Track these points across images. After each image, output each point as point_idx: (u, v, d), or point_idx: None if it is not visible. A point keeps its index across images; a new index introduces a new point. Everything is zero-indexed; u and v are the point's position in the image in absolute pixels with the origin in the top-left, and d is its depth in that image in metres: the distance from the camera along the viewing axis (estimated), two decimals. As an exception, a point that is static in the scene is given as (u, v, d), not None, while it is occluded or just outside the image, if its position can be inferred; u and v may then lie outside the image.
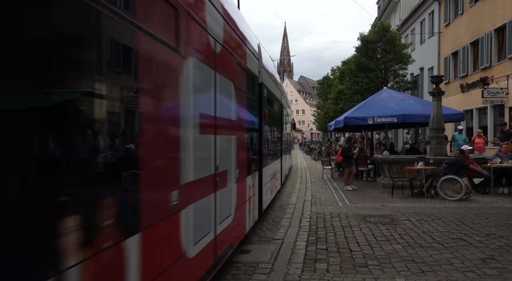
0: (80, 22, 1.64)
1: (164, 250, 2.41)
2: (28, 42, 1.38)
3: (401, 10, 29.33)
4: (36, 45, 1.41)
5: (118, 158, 1.96)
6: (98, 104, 1.78)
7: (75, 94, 1.63)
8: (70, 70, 1.58)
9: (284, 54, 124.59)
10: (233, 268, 4.23)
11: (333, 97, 31.67)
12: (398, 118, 11.64)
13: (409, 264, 4.28)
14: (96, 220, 1.69)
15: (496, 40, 15.96)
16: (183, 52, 2.65)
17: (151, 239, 2.17)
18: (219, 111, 3.58)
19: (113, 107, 1.94)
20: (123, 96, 2.00)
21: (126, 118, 2.06)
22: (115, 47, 1.93)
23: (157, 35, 2.25)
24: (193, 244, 2.84)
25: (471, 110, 17.74)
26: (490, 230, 5.73)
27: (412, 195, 9.03)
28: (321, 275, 3.98)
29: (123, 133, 2.05)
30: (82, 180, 1.65)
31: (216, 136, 3.50)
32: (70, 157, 1.57)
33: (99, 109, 1.80)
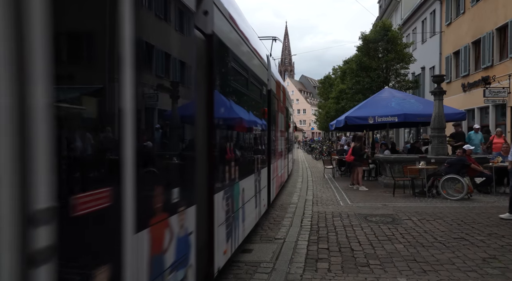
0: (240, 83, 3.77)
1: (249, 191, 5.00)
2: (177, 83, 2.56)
3: (403, 9, 29.28)
4: (184, 83, 2.68)
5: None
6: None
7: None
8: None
9: (285, 53, 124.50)
10: (234, 267, 4.24)
11: (335, 97, 31.66)
12: (399, 117, 11.63)
13: (410, 264, 4.27)
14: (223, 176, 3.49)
15: (498, 39, 15.91)
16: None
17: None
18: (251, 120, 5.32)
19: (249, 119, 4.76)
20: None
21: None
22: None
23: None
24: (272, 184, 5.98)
25: (472, 109, 17.70)
26: (492, 229, 5.72)
27: (414, 194, 9.02)
28: (322, 275, 3.98)
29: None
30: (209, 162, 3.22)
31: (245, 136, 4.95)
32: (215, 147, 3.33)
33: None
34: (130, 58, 1.77)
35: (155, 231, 2.05)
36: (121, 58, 1.72)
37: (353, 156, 10.40)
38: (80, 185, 1.51)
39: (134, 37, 1.81)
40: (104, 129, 1.70)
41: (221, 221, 3.48)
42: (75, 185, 1.49)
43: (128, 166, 1.76)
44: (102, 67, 1.71)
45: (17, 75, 1.15)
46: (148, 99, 2.12)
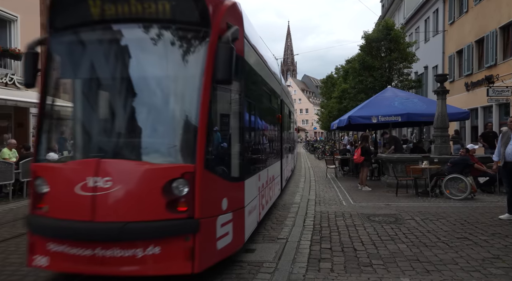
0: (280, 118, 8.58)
1: (286, 167, 10.49)
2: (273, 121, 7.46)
3: (405, 9, 29.19)
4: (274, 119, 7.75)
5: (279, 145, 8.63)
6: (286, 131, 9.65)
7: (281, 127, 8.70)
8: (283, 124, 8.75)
9: (287, 53, 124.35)
10: (237, 267, 4.24)
11: (337, 96, 31.59)
12: (402, 117, 11.58)
13: (414, 264, 4.26)
14: (271, 158, 7.11)
15: (502, 38, 15.83)
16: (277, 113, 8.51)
17: (283, 164, 9.28)
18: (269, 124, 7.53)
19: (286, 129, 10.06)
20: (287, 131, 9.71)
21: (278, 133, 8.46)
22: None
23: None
24: (284, 171, 9.51)
25: (476, 108, 17.62)
26: (495, 229, 5.70)
27: (417, 194, 8.99)
28: (325, 275, 3.98)
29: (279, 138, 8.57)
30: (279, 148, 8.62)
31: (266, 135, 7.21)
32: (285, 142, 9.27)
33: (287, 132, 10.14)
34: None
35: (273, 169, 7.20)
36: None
37: (363, 157, 10.30)
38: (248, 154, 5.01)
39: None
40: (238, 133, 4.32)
41: (287, 159, 10.47)
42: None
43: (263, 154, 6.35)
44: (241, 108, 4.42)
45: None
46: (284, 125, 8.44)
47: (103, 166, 3.35)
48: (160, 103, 3.86)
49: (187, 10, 3.63)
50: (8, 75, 13.14)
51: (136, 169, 3.41)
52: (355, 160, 10.87)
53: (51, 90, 4.06)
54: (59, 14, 3.88)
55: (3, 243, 5.31)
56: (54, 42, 3.94)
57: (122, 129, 3.78)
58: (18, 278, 4.00)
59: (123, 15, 3.64)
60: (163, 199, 3.32)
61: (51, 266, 3.54)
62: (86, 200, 3.28)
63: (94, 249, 3.26)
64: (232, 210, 4.03)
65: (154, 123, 3.82)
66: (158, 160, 3.53)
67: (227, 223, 3.90)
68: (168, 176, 3.37)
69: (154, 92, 3.84)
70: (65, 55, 4.02)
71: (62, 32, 3.89)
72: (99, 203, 3.27)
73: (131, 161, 3.49)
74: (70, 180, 3.41)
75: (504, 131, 6.78)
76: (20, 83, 13.63)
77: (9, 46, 13.44)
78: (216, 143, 3.99)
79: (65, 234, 3.35)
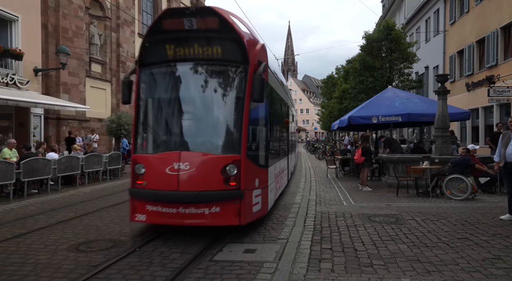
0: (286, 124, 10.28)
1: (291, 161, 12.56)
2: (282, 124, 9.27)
3: (406, 9, 29.17)
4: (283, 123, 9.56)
5: (287, 141, 10.35)
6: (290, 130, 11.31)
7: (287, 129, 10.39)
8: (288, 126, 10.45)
9: (288, 53, 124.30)
10: (237, 267, 4.24)
11: (338, 96, 31.57)
12: (403, 117, 11.56)
13: (414, 264, 4.26)
14: (281, 151, 9.04)
15: (503, 39, 15.82)
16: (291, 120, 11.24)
17: (289, 159, 11.08)
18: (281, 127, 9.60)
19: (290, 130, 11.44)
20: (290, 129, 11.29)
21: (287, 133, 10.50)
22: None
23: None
24: (289, 165, 11.22)
25: (476, 109, 17.61)
26: (496, 230, 5.69)
27: (417, 194, 8.98)
28: (326, 275, 3.97)
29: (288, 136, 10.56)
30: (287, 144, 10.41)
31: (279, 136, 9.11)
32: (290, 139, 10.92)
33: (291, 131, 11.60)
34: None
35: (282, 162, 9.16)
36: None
37: (363, 157, 10.29)
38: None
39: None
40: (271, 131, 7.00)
41: (292, 155, 12.89)
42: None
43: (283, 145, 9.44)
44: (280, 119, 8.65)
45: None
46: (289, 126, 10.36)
47: (184, 155, 5.19)
48: (217, 114, 5.73)
49: (234, 53, 5.50)
50: (9, 75, 13.15)
51: (204, 157, 5.28)
52: (355, 160, 10.85)
53: (141, 106, 5.82)
54: (145, 54, 5.75)
55: (4, 243, 5.31)
56: (142, 73, 5.82)
57: (194, 132, 5.73)
58: (18, 277, 4.00)
59: (191, 56, 5.54)
60: (221, 176, 5.16)
61: (148, 221, 5.42)
62: (173, 177, 5.08)
63: (178, 208, 5.12)
64: (261, 187, 5.87)
65: (215, 128, 5.71)
66: (218, 152, 5.43)
67: (258, 196, 5.75)
68: (224, 162, 5.21)
69: (213, 107, 5.71)
70: (150, 81, 5.86)
71: (147, 65, 5.78)
72: (181, 179, 5.08)
73: (201, 153, 5.34)
74: (161, 164, 5.24)
75: (504, 132, 6.79)
76: (20, 83, 13.65)
77: (10, 46, 13.45)
78: (252, 142, 5.69)
79: (159, 198, 5.21)
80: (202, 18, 5.44)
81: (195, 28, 5.41)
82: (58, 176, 10.62)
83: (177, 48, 5.56)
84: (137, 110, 5.82)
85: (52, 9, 17.43)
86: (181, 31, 5.48)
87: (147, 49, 5.79)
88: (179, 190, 5.06)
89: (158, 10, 27.88)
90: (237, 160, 5.23)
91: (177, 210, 5.12)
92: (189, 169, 5.11)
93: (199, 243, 5.21)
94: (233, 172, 5.20)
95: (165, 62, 5.70)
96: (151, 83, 5.88)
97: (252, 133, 5.64)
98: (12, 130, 14.35)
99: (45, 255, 4.73)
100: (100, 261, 4.46)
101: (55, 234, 5.76)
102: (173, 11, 6.40)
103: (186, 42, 5.54)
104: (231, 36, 5.48)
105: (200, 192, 5.07)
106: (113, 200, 8.97)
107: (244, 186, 5.25)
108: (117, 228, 6.12)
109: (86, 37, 20.06)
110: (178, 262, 4.43)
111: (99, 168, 12.57)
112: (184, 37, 5.53)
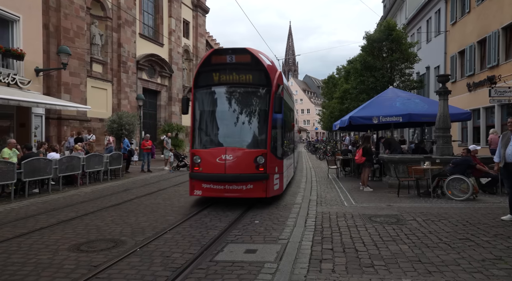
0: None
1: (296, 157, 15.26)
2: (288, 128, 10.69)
3: (407, 9, 29.14)
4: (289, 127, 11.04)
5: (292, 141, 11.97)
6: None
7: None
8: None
9: (289, 53, 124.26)
10: (238, 268, 4.24)
11: (339, 97, 31.56)
12: (404, 117, 11.55)
13: (415, 265, 4.25)
14: (290, 149, 11.34)
15: (504, 39, 15.79)
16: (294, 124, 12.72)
17: (294, 154, 13.64)
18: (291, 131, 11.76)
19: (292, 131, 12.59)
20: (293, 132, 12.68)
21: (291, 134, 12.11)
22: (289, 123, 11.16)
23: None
24: (294, 160, 13.74)
25: (478, 109, 17.58)
26: (497, 230, 5.68)
27: (419, 195, 8.97)
28: (327, 275, 3.97)
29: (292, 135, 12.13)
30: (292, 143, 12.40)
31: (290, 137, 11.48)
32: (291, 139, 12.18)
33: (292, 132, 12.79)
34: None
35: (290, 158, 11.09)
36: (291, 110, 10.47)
37: (364, 157, 10.27)
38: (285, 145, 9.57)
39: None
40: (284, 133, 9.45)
41: (296, 152, 15.19)
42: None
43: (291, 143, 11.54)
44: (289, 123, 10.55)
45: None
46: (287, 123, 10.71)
47: (228, 150, 7.54)
48: (250, 122, 8.09)
49: (261, 79, 7.90)
50: (10, 75, 13.16)
51: (242, 151, 7.64)
52: (356, 160, 10.82)
53: (196, 115, 8.18)
54: (198, 80, 8.19)
55: (5, 243, 5.32)
56: (196, 92, 8.26)
57: (235, 134, 8.07)
58: (20, 277, 4.00)
59: (231, 81, 7.99)
60: (253, 164, 7.50)
61: (203, 194, 7.85)
62: (221, 165, 7.42)
63: (224, 185, 7.55)
64: (278, 173, 8.25)
65: (249, 131, 8.09)
66: (252, 148, 7.76)
67: (277, 179, 8.13)
68: (256, 155, 7.55)
69: (247, 117, 8.09)
70: (202, 98, 8.24)
71: (200, 87, 8.22)
72: (227, 166, 7.41)
73: (241, 148, 7.70)
74: (213, 156, 7.59)
75: (504, 133, 6.78)
76: (22, 83, 13.66)
77: (12, 46, 13.47)
78: (273, 141, 7.98)
79: (211, 179, 7.60)
80: (239, 55, 7.93)
81: (234, 62, 7.91)
82: (59, 176, 10.63)
83: (221, 75, 7.97)
84: (194, 119, 8.17)
85: (53, 9, 17.46)
86: (224, 64, 7.93)
87: (200, 76, 8.21)
88: (226, 173, 7.44)
89: (159, 10, 27.93)
90: (264, 153, 7.61)
91: (224, 187, 7.60)
92: (232, 159, 7.46)
93: (199, 244, 5.21)
94: (261, 161, 7.56)
95: (213, 85, 8.14)
96: (203, 99, 8.25)
97: (273, 134, 7.97)
98: (14, 130, 14.36)
99: (46, 255, 4.74)
100: (101, 261, 4.47)
101: (56, 234, 5.76)
102: (218, 51, 8.50)
103: (228, 71, 7.94)
104: (259, 67, 7.91)
105: (240, 174, 7.48)
106: (114, 200, 8.98)
107: (269, 171, 7.65)
108: (118, 228, 6.12)
109: (87, 37, 20.09)
110: (179, 262, 4.43)
111: (100, 168, 12.59)
112: (226, 68, 7.92)
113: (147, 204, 8.37)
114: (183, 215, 7.11)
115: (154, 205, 8.31)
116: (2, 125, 14.16)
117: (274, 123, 7.99)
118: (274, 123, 7.98)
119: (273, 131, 7.87)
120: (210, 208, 7.72)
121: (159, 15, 28.06)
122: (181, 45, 31.15)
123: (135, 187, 11.50)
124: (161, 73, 27.79)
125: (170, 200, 8.98)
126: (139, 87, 25.09)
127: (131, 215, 7.20)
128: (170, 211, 7.57)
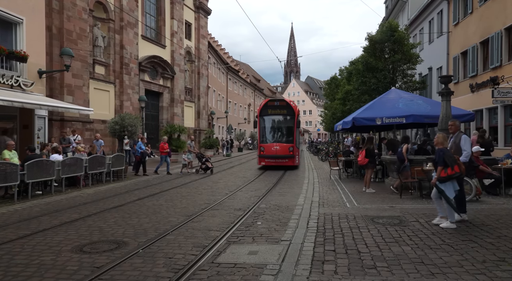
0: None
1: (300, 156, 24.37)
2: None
3: (409, 10, 29.11)
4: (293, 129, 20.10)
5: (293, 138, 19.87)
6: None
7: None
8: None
9: (291, 54, 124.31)
10: (240, 269, 4.23)
11: (341, 98, 31.55)
12: (407, 118, 11.50)
13: (418, 266, 4.23)
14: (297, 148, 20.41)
15: (507, 39, 15.75)
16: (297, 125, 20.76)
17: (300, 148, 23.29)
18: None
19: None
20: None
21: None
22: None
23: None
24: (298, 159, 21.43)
25: (481, 110, 17.52)
26: (501, 231, 5.65)
27: (421, 196, 8.94)
28: (329, 277, 3.96)
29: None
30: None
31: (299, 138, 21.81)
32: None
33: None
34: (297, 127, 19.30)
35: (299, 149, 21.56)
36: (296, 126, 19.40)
37: (367, 159, 10.24)
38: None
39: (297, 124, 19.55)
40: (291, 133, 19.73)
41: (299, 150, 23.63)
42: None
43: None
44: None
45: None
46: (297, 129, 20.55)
47: (277, 144, 18.41)
48: (288, 131, 18.87)
49: (290, 112, 19.03)
50: (13, 77, 13.23)
51: (284, 144, 18.38)
52: (359, 162, 10.80)
53: (261, 129, 19.16)
54: (261, 112, 19.18)
55: (9, 244, 5.34)
56: (260, 118, 19.24)
57: (279, 137, 19.01)
58: (23, 279, 4.02)
59: (277, 113, 19.18)
60: (288, 150, 18.21)
61: (264, 164, 18.60)
62: (274, 150, 18.28)
63: (276, 160, 18.28)
64: (298, 155, 19.45)
65: (285, 136, 18.86)
66: (287, 143, 18.44)
67: (298, 158, 19.73)
68: (289, 146, 18.31)
69: (287, 129, 18.95)
70: (263, 120, 19.20)
71: (261, 115, 19.19)
72: (278, 151, 18.24)
73: (282, 143, 18.44)
74: (270, 146, 18.43)
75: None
76: (25, 85, 13.73)
77: (15, 48, 13.54)
78: (296, 140, 18.84)
79: (269, 157, 18.38)
80: (281, 102, 19.53)
81: (278, 105, 19.18)
82: (62, 177, 10.67)
83: (272, 110, 18.96)
84: (260, 131, 19.01)
85: (56, 11, 17.54)
86: (274, 106, 19.12)
87: (262, 111, 19.04)
88: (277, 154, 18.00)
89: (161, 12, 28.01)
90: (292, 146, 18.14)
91: (276, 160, 18.11)
92: (279, 148, 18.03)
93: (199, 245, 5.21)
94: (291, 149, 18.03)
95: (268, 115, 18.96)
96: (264, 121, 19.01)
97: (296, 137, 18.51)
98: (17, 132, 14.42)
99: (49, 256, 4.75)
100: (104, 262, 4.48)
101: (59, 235, 5.78)
102: (271, 100, 19.76)
103: (276, 108, 19.03)
104: (289, 107, 19.05)
105: (282, 155, 17.94)
106: (117, 201, 9.00)
107: (294, 154, 18.16)
108: (121, 230, 6.13)
109: (89, 39, 20.17)
110: (181, 263, 4.44)
111: (102, 169, 12.62)
112: (275, 107, 19.09)
113: (149, 206, 8.39)
114: (186, 217, 7.12)
115: (156, 206, 8.33)
116: (5, 127, 14.22)
117: (296, 132, 18.53)
118: (296, 132, 18.53)
119: (296, 135, 18.42)
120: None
121: (161, 17, 28.15)
122: (183, 46, 31.23)
123: (138, 188, 11.52)
124: (163, 74, 27.87)
125: (172, 201, 9.00)
126: (141, 88, 25.16)
127: (134, 216, 7.22)
128: (173, 213, 7.58)
